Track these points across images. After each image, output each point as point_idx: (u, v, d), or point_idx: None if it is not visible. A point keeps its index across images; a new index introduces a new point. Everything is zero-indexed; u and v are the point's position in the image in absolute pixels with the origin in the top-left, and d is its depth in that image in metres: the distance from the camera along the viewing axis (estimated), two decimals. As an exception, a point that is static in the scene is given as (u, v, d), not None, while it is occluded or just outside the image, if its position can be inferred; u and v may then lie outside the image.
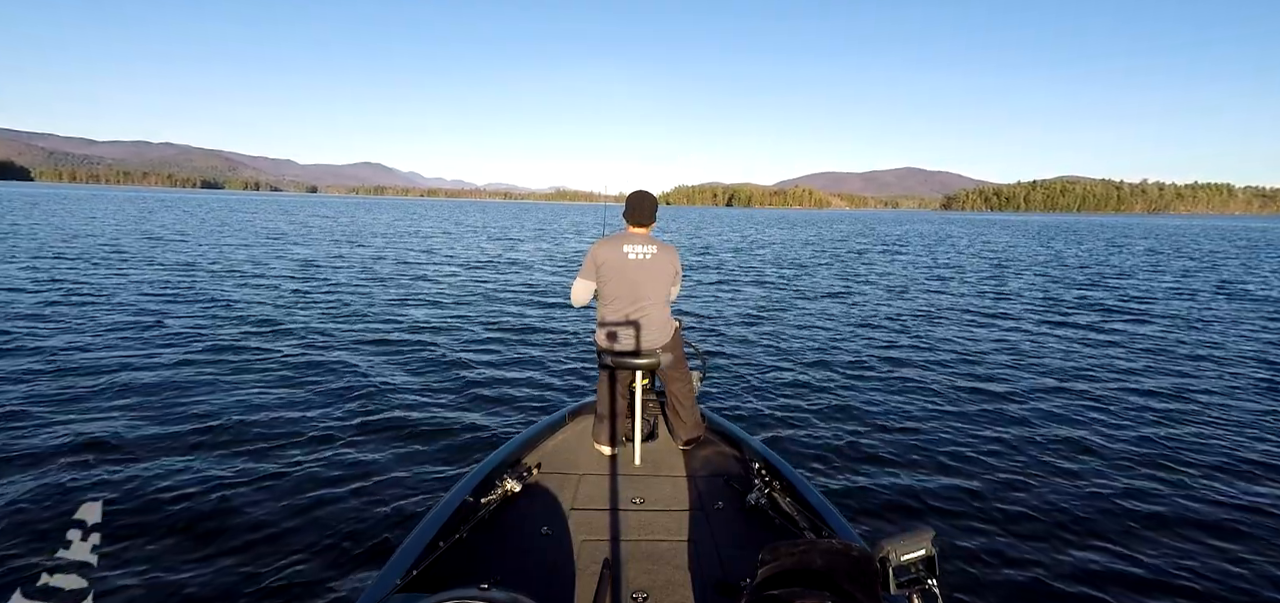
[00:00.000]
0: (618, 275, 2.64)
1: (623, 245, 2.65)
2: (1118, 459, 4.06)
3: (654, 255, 2.66)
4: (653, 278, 2.65)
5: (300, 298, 9.55)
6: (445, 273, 13.61)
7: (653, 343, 2.67)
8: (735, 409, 4.91)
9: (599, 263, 2.67)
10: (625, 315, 2.66)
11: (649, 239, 2.69)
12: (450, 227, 35.47)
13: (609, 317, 2.69)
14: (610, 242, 2.68)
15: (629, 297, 2.65)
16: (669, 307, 2.77)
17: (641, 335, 2.66)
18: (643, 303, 2.65)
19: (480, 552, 2.00)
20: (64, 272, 11.27)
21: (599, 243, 2.68)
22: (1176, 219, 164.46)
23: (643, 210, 2.70)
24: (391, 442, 4.05)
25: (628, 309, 2.66)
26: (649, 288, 2.65)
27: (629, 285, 2.64)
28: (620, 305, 2.66)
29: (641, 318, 2.66)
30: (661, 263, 2.67)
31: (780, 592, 1.06)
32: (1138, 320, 9.40)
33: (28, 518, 2.99)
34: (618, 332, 2.67)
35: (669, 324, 2.76)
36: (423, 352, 6.44)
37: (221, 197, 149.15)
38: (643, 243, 2.67)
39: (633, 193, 2.73)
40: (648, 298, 2.65)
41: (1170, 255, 23.73)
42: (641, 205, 2.70)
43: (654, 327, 2.68)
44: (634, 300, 2.65)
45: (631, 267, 2.64)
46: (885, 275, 15.32)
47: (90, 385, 4.92)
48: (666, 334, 2.72)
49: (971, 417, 4.82)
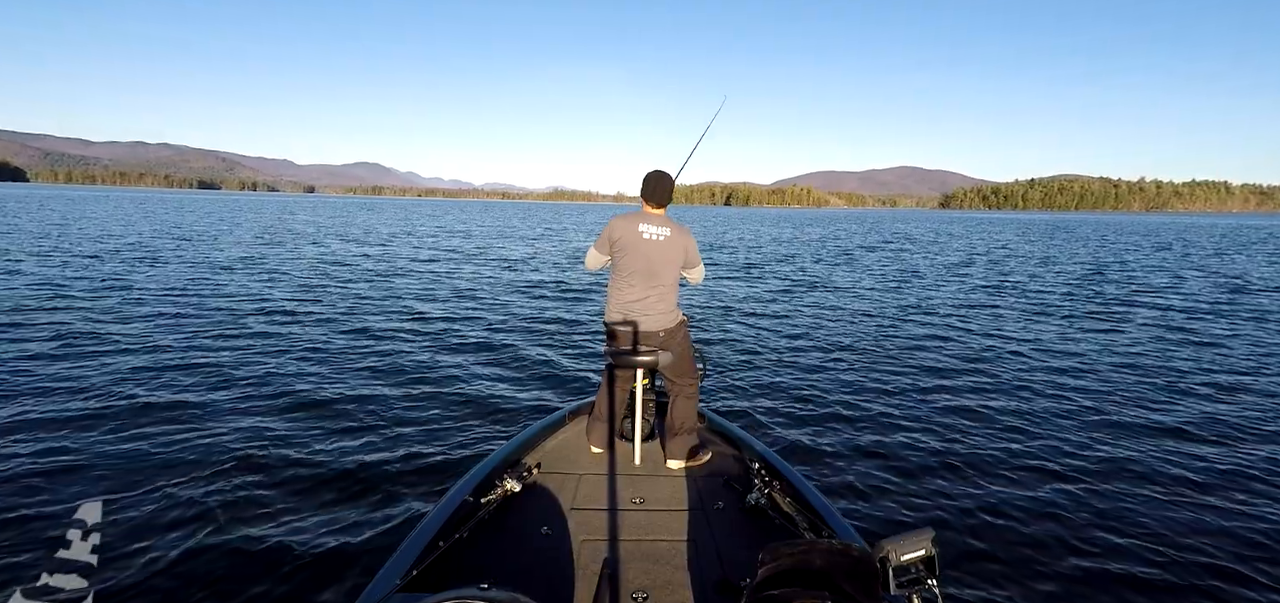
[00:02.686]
0: (632, 253, 2.69)
1: (639, 224, 2.69)
2: (1119, 460, 4.06)
3: (668, 237, 2.68)
4: (665, 260, 2.68)
5: (299, 299, 9.52)
6: (444, 273, 13.59)
7: (658, 325, 2.71)
8: (735, 409, 4.91)
9: (614, 238, 2.72)
10: (636, 293, 2.71)
11: (665, 220, 2.72)
12: (450, 226, 35.43)
13: (620, 293, 2.74)
14: (627, 219, 2.72)
15: (641, 275, 2.69)
16: (676, 291, 2.78)
17: (649, 315, 2.70)
18: (654, 283, 2.69)
19: (480, 552, 2.00)
20: (61, 270, 11.24)
21: (617, 218, 2.73)
22: (1175, 217, 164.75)
23: (659, 191, 2.73)
24: (391, 441, 4.04)
25: (639, 287, 2.70)
26: (661, 269, 2.69)
27: (642, 263, 2.68)
28: (632, 282, 2.71)
29: (652, 298, 2.70)
30: (675, 245, 2.69)
31: (780, 592, 1.07)
32: (1136, 318, 9.42)
33: (28, 518, 2.98)
34: (627, 308, 2.72)
35: (676, 310, 2.78)
36: (422, 352, 6.43)
37: (219, 197, 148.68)
38: (658, 224, 2.70)
39: (650, 173, 2.76)
40: (659, 279, 2.69)
41: (1175, 252, 23.78)
42: (658, 186, 2.73)
43: (662, 309, 2.72)
44: (646, 279, 2.69)
45: (646, 246, 2.67)
46: (886, 275, 15.33)
47: (89, 386, 4.91)
48: (673, 319, 2.75)
49: (972, 417, 4.82)
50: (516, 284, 12.09)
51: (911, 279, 14.29)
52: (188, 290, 9.80)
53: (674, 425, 2.72)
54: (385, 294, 10.26)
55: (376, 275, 12.64)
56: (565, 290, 11.43)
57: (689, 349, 2.84)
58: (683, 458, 2.67)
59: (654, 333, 2.70)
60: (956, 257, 21.12)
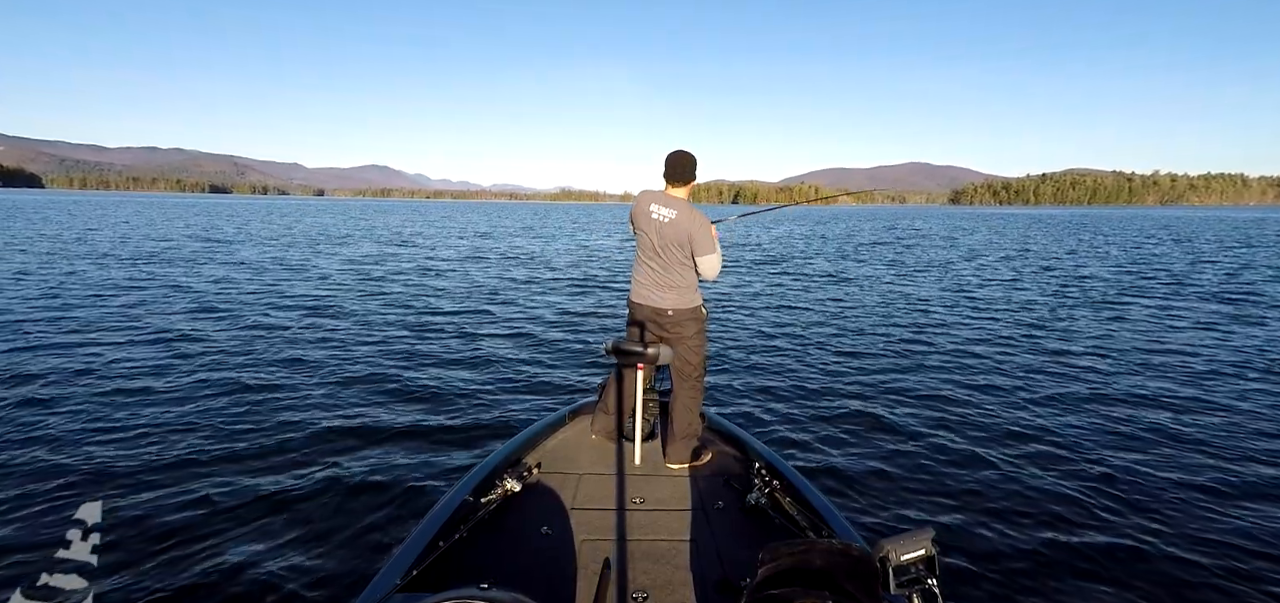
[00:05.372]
0: (642, 231, 2.73)
1: (651, 203, 2.71)
2: (1120, 460, 4.00)
3: (674, 219, 2.65)
4: (670, 240, 2.66)
5: (298, 300, 9.59)
6: (444, 272, 13.66)
7: (668, 303, 2.71)
8: (736, 409, 4.89)
9: (633, 213, 2.78)
10: (647, 270, 2.75)
11: (676, 202, 2.68)
12: (459, 228, 35.60)
13: (636, 269, 2.81)
14: (645, 196, 2.77)
15: (650, 252, 2.72)
16: (689, 275, 2.72)
17: (658, 290, 2.72)
18: (662, 263, 2.70)
19: (480, 552, 1.99)
20: (59, 272, 11.41)
21: (641, 193, 2.79)
22: (1191, 211, 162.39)
23: (675, 169, 2.71)
24: (391, 442, 4.05)
25: (648, 264, 2.74)
26: (666, 250, 2.69)
27: (649, 242, 2.72)
28: (644, 258, 2.76)
29: (661, 276, 2.71)
30: (680, 228, 2.63)
31: (780, 592, 1.06)
32: (1137, 317, 9.29)
33: (28, 518, 3.00)
34: (639, 284, 2.78)
35: (689, 294, 2.72)
36: (422, 352, 6.46)
37: (230, 201, 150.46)
38: (668, 204, 2.68)
39: (670, 152, 2.75)
40: (665, 259, 2.70)
41: (1193, 245, 23.41)
42: (675, 164, 2.71)
43: (670, 289, 2.71)
44: (654, 258, 2.72)
45: (652, 226, 2.69)
46: (887, 274, 15.22)
47: (87, 387, 4.95)
48: (684, 302, 2.71)
49: (973, 417, 4.77)
50: (518, 283, 12.12)
51: (915, 278, 14.18)
52: (188, 291, 9.90)
53: (676, 425, 2.69)
54: (383, 295, 10.31)
55: (374, 277, 12.71)
56: (566, 290, 11.45)
57: (700, 343, 2.76)
58: (683, 458, 2.64)
59: (663, 310, 2.71)
60: (958, 256, 20.92)
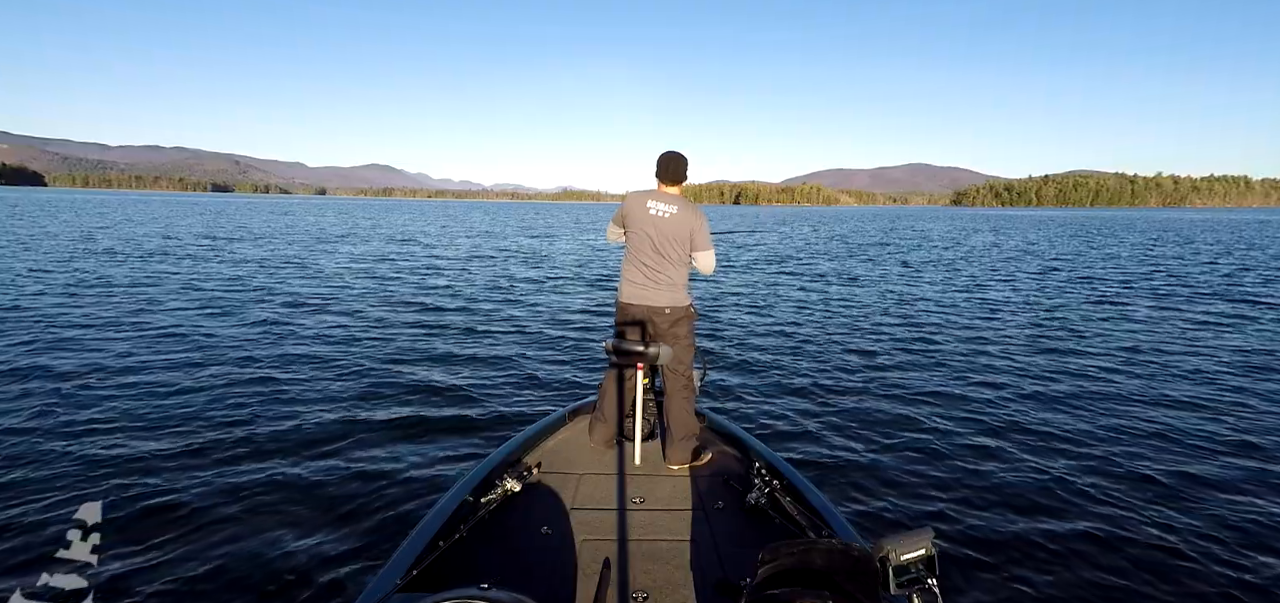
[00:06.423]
0: (638, 228, 2.74)
1: (647, 201, 2.73)
2: (1121, 460, 3.99)
3: (675, 214, 2.70)
4: (669, 237, 2.70)
5: (297, 299, 9.60)
6: (444, 272, 13.67)
7: (664, 301, 2.73)
8: (736, 409, 4.89)
9: (625, 214, 2.78)
10: (643, 269, 2.75)
11: (675, 199, 2.74)
12: (455, 228, 35.61)
13: (629, 269, 2.80)
14: (639, 195, 2.78)
15: (647, 250, 2.73)
16: (684, 273, 2.79)
17: (655, 288, 2.73)
18: (660, 260, 2.72)
19: (480, 552, 1.99)
20: (59, 272, 11.43)
21: (631, 194, 2.80)
22: (1194, 213, 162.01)
23: (668, 170, 2.76)
24: (391, 442, 4.05)
25: (647, 263, 2.74)
26: (667, 246, 2.71)
27: (647, 240, 2.72)
28: (638, 257, 2.76)
29: (658, 274, 2.73)
30: (681, 223, 2.70)
31: (780, 592, 1.06)
32: (1139, 317, 9.26)
33: (28, 518, 3.01)
34: (634, 283, 2.77)
35: (684, 294, 2.79)
36: (422, 352, 6.46)
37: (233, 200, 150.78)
38: (666, 201, 2.73)
39: (664, 152, 2.80)
40: (665, 255, 2.71)
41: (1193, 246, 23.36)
42: (670, 164, 2.76)
43: (666, 287, 2.74)
44: (652, 255, 2.73)
45: (651, 222, 2.71)
46: (887, 274, 15.20)
47: (87, 387, 4.96)
48: (679, 300, 2.76)
49: (973, 417, 4.76)
50: (519, 282, 12.13)
51: (915, 279, 14.16)
52: (188, 292, 9.92)
53: (673, 425, 2.70)
54: (383, 295, 10.32)
55: (374, 277, 12.72)
56: (567, 290, 11.46)
57: (692, 342, 2.84)
58: (683, 458, 2.65)
59: (660, 308, 2.72)
60: (964, 256, 20.89)
